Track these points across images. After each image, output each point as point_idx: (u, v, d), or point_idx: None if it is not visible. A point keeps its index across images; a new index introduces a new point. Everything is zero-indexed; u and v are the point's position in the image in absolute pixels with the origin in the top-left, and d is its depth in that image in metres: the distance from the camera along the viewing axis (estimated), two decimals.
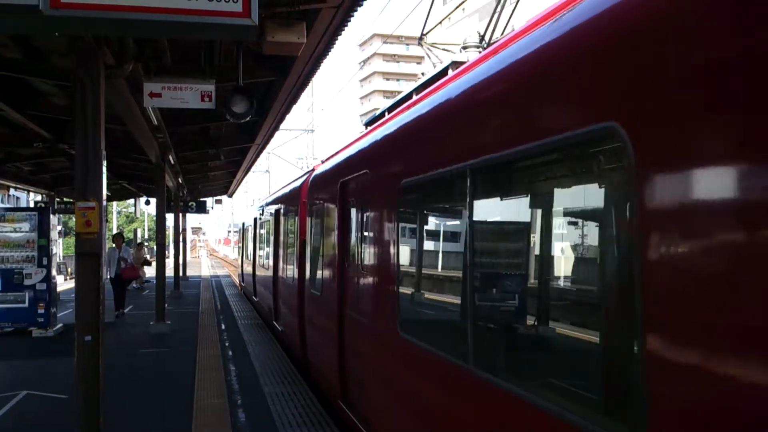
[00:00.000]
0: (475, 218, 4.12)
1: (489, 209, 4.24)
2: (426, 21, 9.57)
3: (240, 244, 33.51)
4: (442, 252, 5.24)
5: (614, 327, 2.98)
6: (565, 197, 3.56)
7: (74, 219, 7.27)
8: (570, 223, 3.53)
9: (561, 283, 3.58)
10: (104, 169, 7.28)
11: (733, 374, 2.09)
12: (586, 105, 2.90)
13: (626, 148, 2.55)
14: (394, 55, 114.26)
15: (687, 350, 2.29)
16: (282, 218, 15.70)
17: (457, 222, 4.79)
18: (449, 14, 10.81)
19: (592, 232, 3.30)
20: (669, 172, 2.39)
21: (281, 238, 15.55)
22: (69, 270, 32.68)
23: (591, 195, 3.24)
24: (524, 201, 3.94)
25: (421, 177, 4.90)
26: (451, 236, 5.01)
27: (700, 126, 2.25)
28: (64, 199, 29.89)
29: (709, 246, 2.23)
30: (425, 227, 5.63)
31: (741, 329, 2.07)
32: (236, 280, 35.52)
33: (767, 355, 1.96)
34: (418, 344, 4.90)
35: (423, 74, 7.99)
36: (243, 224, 31.37)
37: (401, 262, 5.55)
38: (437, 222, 5.61)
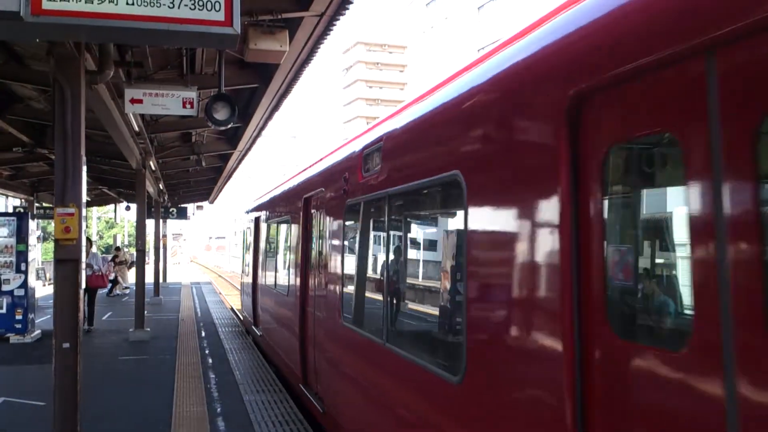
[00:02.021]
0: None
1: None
2: None
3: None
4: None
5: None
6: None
7: (53, 224, 7.21)
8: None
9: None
10: (84, 175, 7.24)
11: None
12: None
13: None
14: (377, 62, 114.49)
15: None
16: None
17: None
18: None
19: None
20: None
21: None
22: (47, 276, 32.31)
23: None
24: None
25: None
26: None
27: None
28: (44, 204, 29.59)
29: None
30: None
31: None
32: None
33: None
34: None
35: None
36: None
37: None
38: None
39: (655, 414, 2.45)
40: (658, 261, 2.90)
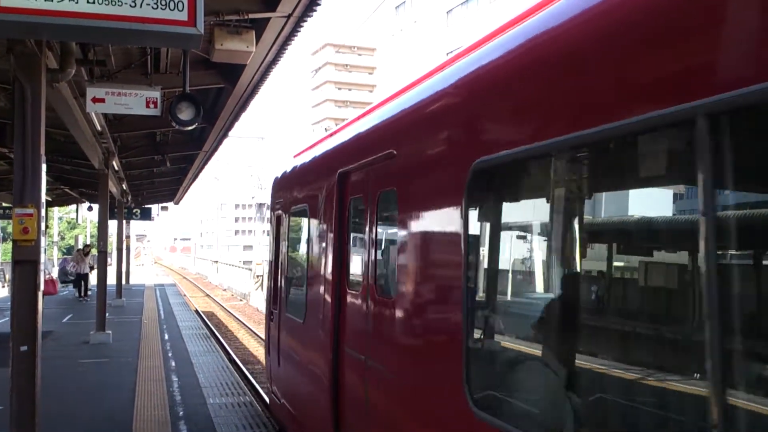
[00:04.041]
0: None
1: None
2: None
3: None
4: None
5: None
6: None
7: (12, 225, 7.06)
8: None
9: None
10: (44, 175, 7.11)
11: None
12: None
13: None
14: (347, 64, 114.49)
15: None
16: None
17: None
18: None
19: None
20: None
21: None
22: (6, 277, 31.60)
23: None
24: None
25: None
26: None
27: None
28: (3, 204, 28.94)
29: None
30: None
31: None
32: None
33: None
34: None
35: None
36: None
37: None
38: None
39: None
40: None
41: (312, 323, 6.48)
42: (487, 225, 3.83)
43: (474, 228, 3.70)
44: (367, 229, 5.17)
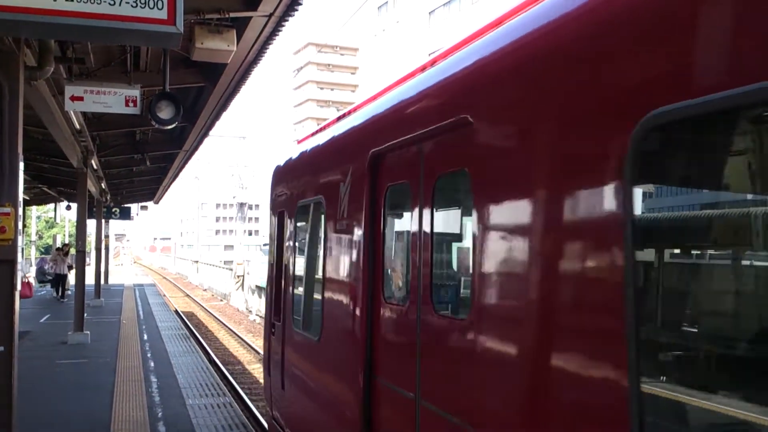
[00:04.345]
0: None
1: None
2: None
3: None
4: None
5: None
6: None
7: None
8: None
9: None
10: (21, 173, 7.03)
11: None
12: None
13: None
14: (329, 64, 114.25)
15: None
16: None
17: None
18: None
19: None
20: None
21: None
22: None
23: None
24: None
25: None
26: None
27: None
28: None
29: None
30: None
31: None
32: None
33: None
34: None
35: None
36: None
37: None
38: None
39: None
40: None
41: (331, 343, 5.32)
42: (675, 214, 2.58)
43: (644, 218, 2.46)
44: (415, 224, 3.96)
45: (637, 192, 2.35)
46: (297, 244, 6.80)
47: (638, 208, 2.36)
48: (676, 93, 2.11)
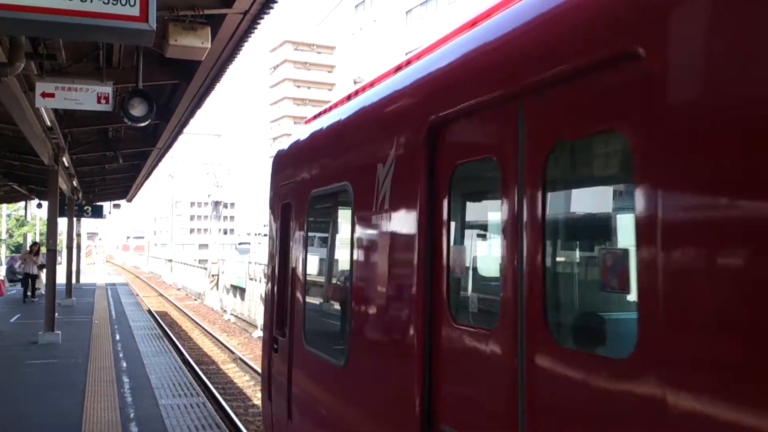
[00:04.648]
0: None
1: None
2: None
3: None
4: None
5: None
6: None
7: None
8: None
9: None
10: None
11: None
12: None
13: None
14: (306, 62, 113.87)
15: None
16: None
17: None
18: None
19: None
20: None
21: None
22: None
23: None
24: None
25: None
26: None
27: None
28: None
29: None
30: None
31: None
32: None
33: None
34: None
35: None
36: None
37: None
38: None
39: None
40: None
41: (364, 372, 4.11)
42: None
43: None
44: (508, 215, 2.80)
45: None
46: (310, 242, 5.57)
47: None
48: None
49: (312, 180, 5.38)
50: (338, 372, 4.46)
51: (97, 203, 36.03)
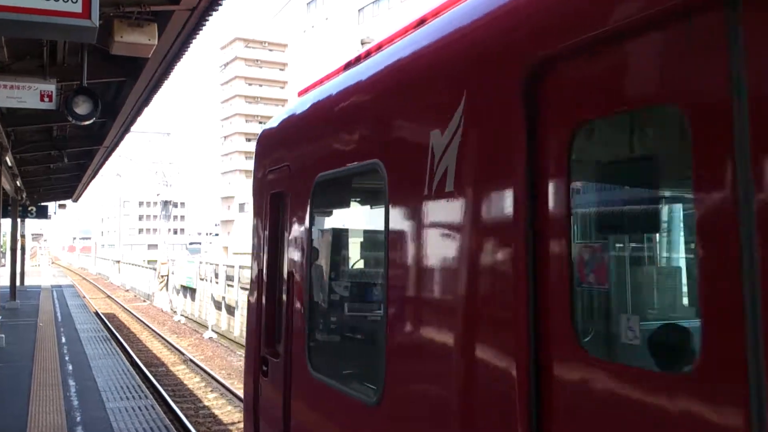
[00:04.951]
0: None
1: None
2: None
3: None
4: None
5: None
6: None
7: None
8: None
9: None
10: None
11: None
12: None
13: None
14: (257, 60, 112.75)
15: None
16: None
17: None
18: None
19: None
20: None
21: None
22: None
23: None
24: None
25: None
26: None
27: None
28: None
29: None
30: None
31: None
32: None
33: None
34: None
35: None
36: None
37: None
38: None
39: None
40: None
41: (414, 415, 2.95)
42: None
43: None
44: (705, 200, 1.78)
45: None
46: (316, 238, 4.45)
47: None
48: None
49: (317, 162, 4.27)
50: (367, 411, 3.33)
51: (42, 203, 35.12)
